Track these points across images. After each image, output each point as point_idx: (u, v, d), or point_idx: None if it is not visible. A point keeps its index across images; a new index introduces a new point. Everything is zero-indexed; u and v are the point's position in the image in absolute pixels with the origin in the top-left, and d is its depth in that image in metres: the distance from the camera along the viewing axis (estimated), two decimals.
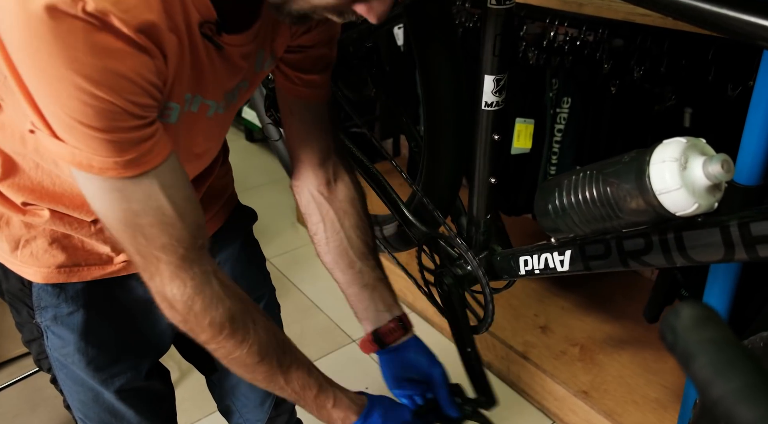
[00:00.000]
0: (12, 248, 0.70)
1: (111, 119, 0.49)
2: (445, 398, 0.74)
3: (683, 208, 0.50)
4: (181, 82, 0.56)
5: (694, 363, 0.26)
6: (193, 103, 0.60)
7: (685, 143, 0.50)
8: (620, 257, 0.59)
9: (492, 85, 0.67)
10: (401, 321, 0.77)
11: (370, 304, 0.76)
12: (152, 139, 0.53)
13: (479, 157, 0.73)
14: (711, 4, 0.49)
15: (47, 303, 0.72)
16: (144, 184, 0.53)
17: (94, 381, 0.76)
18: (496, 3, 0.62)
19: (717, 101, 1.26)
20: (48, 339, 0.74)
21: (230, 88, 0.64)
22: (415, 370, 0.75)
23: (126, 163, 0.51)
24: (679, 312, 0.28)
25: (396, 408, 0.71)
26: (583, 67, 1.46)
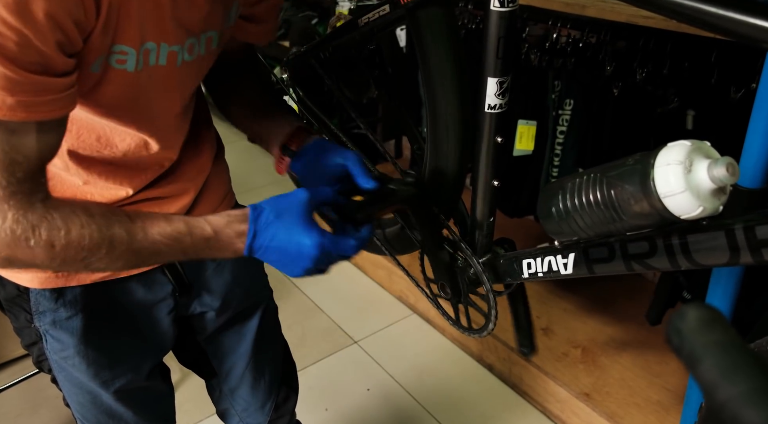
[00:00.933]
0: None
1: (18, 53, 0.46)
2: (360, 173, 0.68)
3: (688, 212, 0.50)
4: (130, 22, 0.53)
5: (700, 366, 0.26)
6: (159, 54, 0.58)
7: (690, 146, 0.50)
8: (624, 261, 0.59)
9: (495, 88, 0.67)
10: (304, 129, 0.74)
11: (272, 125, 0.75)
12: (56, 92, 0.50)
13: (482, 159, 0.73)
14: (714, 6, 0.49)
15: (45, 308, 0.72)
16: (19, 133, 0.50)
17: (93, 383, 0.76)
18: (499, 5, 0.62)
19: (720, 104, 1.26)
20: (47, 343, 0.74)
21: (195, 31, 0.61)
22: (329, 164, 0.69)
23: (14, 104, 0.48)
24: (685, 315, 0.28)
25: (286, 195, 0.61)
26: (586, 69, 1.46)
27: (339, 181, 0.69)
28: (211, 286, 0.83)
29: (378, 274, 2.06)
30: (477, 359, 1.72)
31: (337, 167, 0.69)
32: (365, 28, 0.80)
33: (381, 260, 2.02)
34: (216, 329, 0.88)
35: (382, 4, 0.76)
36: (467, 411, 1.56)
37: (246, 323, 0.90)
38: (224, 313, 0.86)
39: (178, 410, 0.93)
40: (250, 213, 0.60)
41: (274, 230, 0.59)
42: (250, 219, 0.60)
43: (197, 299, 0.83)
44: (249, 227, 0.59)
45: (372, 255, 2.05)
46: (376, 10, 0.75)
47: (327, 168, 0.69)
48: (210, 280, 0.83)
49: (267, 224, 0.59)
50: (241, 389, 0.92)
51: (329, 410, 1.53)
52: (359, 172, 0.68)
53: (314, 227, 0.59)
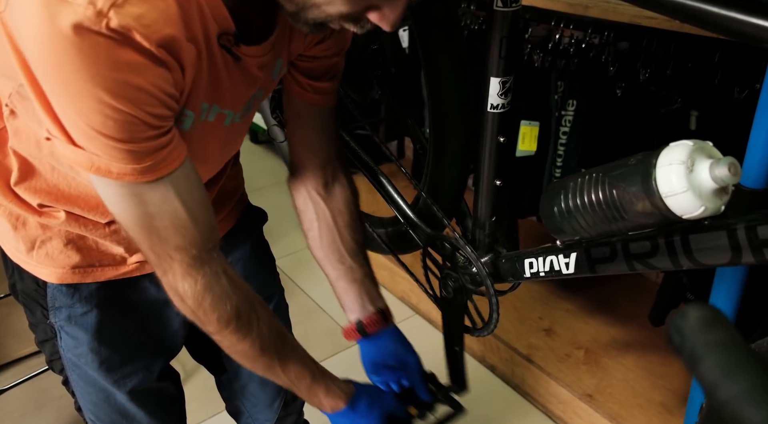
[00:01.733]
0: (28, 249, 0.71)
1: (130, 130, 0.51)
2: (419, 383, 0.80)
3: (690, 211, 0.50)
4: (197, 92, 0.57)
5: (702, 365, 0.26)
6: (210, 113, 0.61)
7: (692, 146, 0.50)
8: (626, 260, 0.59)
9: (498, 88, 0.67)
10: (383, 313, 0.82)
11: (356, 297, 0.81)
12: (168, 146, 0.55)
13: (484, 159, 0.73)
14: (717, 6, 0.49)
15: (61, 303, 0.73)
16: (160, 188, 0.55)
17: (106, 382, 0.77)
18: (503, 5, 0.62)
19: (723, 104, 1.26)
20: (61, 340, 0.75)
21: (248, 98, 0.66)
22: (393, 357, 0.80)
23: (143, 169, 0.53)
24: (686, 314, 0.28)
25: (381, 395, 0.76)
26: (589, 69, 1.46)
27: (395, 371, 0.81)
28: None
29: (380, 274, 2.05)
30: (479, 360, 1.72)
31: (397, 362, 0.81)
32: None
33: (383, 261, 2.02)
34: None
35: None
36: (469, 412, 1.56)
37: None
38: None
39: None
40: (352, 396, 0.73)
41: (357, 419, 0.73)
42: (349, 401, 0.73)
43: None
44: (346, 408, 0.73)
45: (374, 256, 2.06)
46: None
47: (389, 358, 0.80)
48: None
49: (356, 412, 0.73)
50: (250, 386, 0.92)
51: None
52: (419, 383, 0.81)
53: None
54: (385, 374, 0.81)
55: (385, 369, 0.81)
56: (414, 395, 0.81)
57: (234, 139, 0.73)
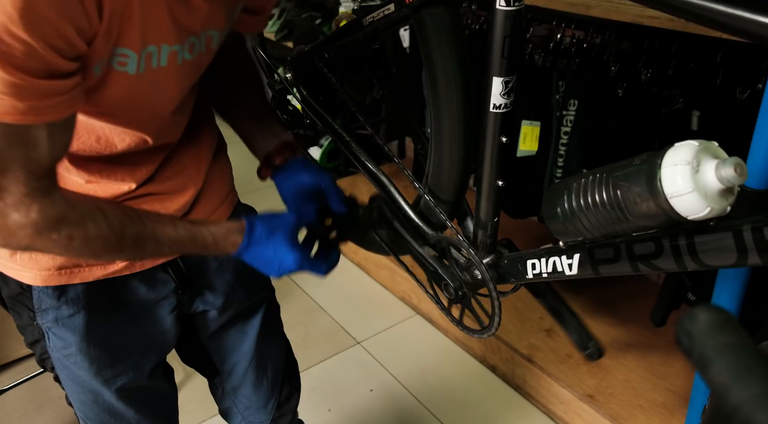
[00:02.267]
0: (10, 253, 0.70)
1: (23, 60, 0.47)
2: (334, 198, 0.79)
3: (695, 212, 0.50)
4: (131, 26, 0.54)
5: (712, 368, 0.26)
6: (161, 56, 0.59)
7: (698, 146, 0.50)
8: (630, 261, 0.58)
9: (500, 88, 0.66)
10: (289, 145, 0.81)
11: (258, 134, 0.82)
12: (64, 94, 0.52)
13: (487, 159, 0.72)
14: (722, 4, 0.48)
15: (48, 306, 0.72)
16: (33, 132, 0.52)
17: (95, 382, 0.76)
18: (505, 4, 0.61)
19: (725, 104, 1.25)
20: (50, 341, 0.74)
21: (196, 31, 0.62)
22: (306, 182, 0.79)
23: (26, 108, 0.50)
24: (695, 317, 0.28)
25: (277, 217, 0.71)
26: (590, 69, 1.46)
27: (313, 198, 0.79)
28: (213, 284, 0.83)
29: (381, 275, 2.05)
30: (480, 360, 1.71)
31: (313, 187, 0.78)
32: (369, 28, 0.80)
33: (384, 261, 2.01)
34: (218, 328, 0.88)
35: (387, 4, 0.75)
36: (470, 412, 1.56)
37: (248, 321, 0.90)
38: (226, 311, 0.86)
39: (182, 410, 0.93)
40: (246, 227, 0.69)
41: (263, 246, 0.69)
42: (245, 233, 0.69)
43: (199, 297, 0.83)
44: (243, 240, 0.69)
45: (375, 256, 2.05)
46: (381, 10, 0.75)
47: (304, 186, 0.78)
48: (212, 278, 0.83)
49: (259, 239, 0.69)
50: (243, 388, 0.92)
51: (332, 410, 1.53)
52: (333, 197, 0.79)
53: (297, 248, 0.70)
54: (303, 203, 0.79)
55: (303, 199, 0.79)
56: (329, 210, 0.80)
57: (187, 80, 0.69)
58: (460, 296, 0.80)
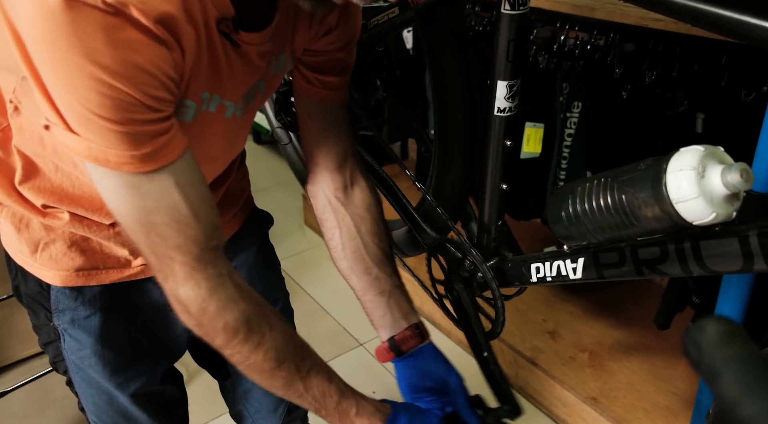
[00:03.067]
0: (32, 251, 0.70)
1: (127, 111, 0.48)
2: (465, 407, 0.71)
3: (701, 218, 0.49)
4: (197, 79, 0.56)
5: (721, 381, 0.26)
6: (211, 103, 0.60)
7: (703, 151, 0.50)
8: (635, 266, 0.58)
9: (505, 91, 0.66)
10: (418, 329, 0.75)
11: (386, 311, 0.74)
12: (168, 133, 0.52)
13: (491, 162, 0.72)
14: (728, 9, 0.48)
15: (65, 306, 0.72)
16: (159, 180, 0.52)
17: (109, 384, 0.77)
18: (510, 8, 0.61)
19: (730, 107, 1.25)
20: (65, 342, 0.74)
21: (248, 89, 0.64)
22: (432, 378, 0.73)
23: (142, 157, 0.50)
24: (703, 328, 0.28)
25: (422, 414, 0.67)
26: (594, 71, 1.45)
27: (437, 393, 0.72)
28: None
29: None
30: None
31: (437, 383, 0.73)
32: (374, 31, 0.79)
33: None
34: None
35: (391, 7, 0.75)
36: None
37: None
38: None
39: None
40: (390, 416, 0.65)
41: None
42: (388, 422, 0.65)
43: None
44: None
45: None
46: (385, 13, 0.75)
47: (428, 380, 0.73)
48: None
49: None
50: (254, 392, 0.92)
51: None
52: (464, 406, 0.72)
53: None
54: (425, 398, 0.73)
55: (425, 392, 0.73)
56: (459, 420, 0.72)
57: (236, 134, 0.70)
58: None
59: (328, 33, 0.68)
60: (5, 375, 1.58)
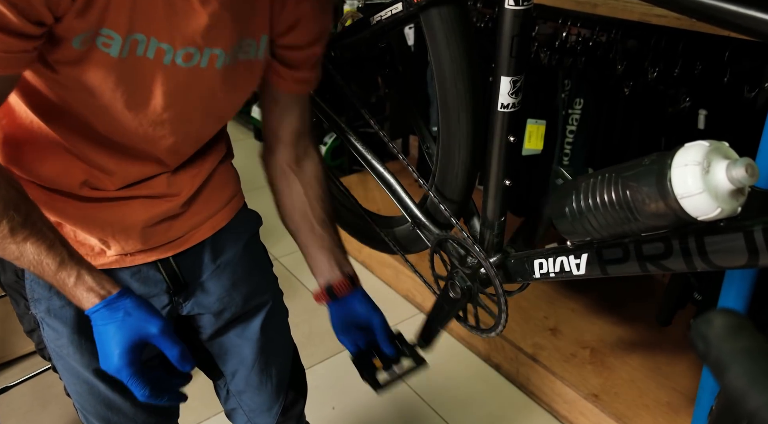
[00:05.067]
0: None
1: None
2: (383, 337, 0.83)
3: (705, 213, 0.49)
4: (120, 11, 0.57)
5: (728, 373, 0.26)
6: (149, 47, 0.61)
7: (708, 147, 0.49)
8: (639, 261, 0.58)
9: (508, 87, 0.66)
10: (351, 278, 0.85)
11: (325, 262, 0.85)
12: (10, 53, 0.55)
13: (494, 159, 0.72)
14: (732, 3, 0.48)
15: (39, 296, 0.73)
16: None
17: (88, 373, 0.77)
18: (514, 3, 0.61)
19: (733, 103, 1.25)
20: (44, 330, 0.75)
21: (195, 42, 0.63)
22: (359, 317, 0.84)
23: None
24: (711, 321, 0.28)
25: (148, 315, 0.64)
26: (596, 68, 1.45)
27: (361, 331, 0.84)
28: (208, 288, 0.83)
29: (385, 273, 2.05)
30: (484, 359, 1.71)
31: (364, 322, 0.84)
32: (377, 27, 0.79)
33: (388, 259, 2.01)
34: (216, 331, 0.87)
35: (394, 3, 0.75)
36: (474, 410, 1.56)
37: (247, 326, 0.89)
38: (221, 315, 0.85)
39: (186, 407, 0.92)
40: (107, 299, 0.63)
41: (107, 327, 0.63)
42: (100, 304, 0.63)
43: (192, 298, 0.82)
44: (95, 308, 0.63)
45: (379, 254, 2.05)
46: (388, 9, 0.75)
47: (355, 318, 0.84)
48: (207, 282, 0.82)
49: (106, 320, 0.63)
50: (247, 391, 0.92)
51: (336, 408, 1.53)
52: (383, 339, 0.84)
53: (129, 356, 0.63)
54: (352, 334, 0.85)
55: (353, 329, 0.84)
56: (378, 349, 0.85)
57: (210, 97, 0.69)
58: (469, 295, 0.80)
59: (296, 26, 0.71)
60: (7, 371, 1.59)
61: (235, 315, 0.86)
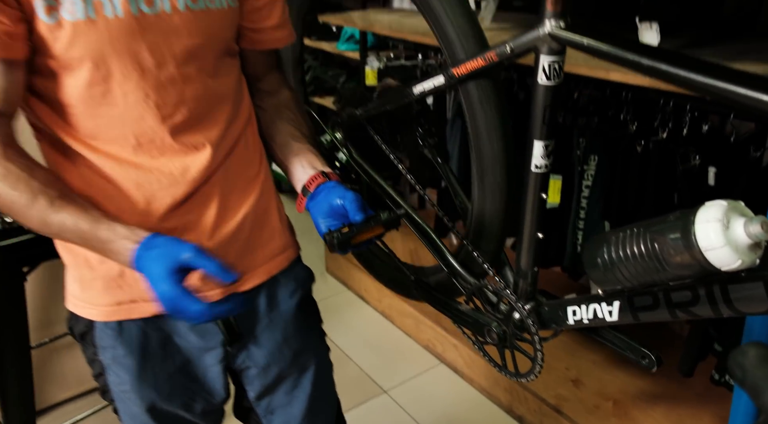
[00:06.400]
0: (80, 290, 0.78)
1: None
2: (353, 209, 0.75)
3: (727, 264, 0.55)
4: None
5: (764, 395, 0.32)
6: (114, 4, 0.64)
7: (726, 206, 0.56)
8: (668, 308, 0.64)
9: (541, 150, 0.74)
10: (324, 174, 0.82)
11: (299, 169, 0.83)
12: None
13: (528, 213, 0.79)
14: (735, 85, 0.56)
15: (106, 344, 0.79)
16: None
17: (146, 416, 0.82)
18: (546, 79, 0.70)
19: (740, 162, 1.32)
20: (109, 375, 0.81)
21: None
22: (333, 203, 0.78)
23: None
24: (746, 352, 0.34)
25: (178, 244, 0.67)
26: (609, 126, 1.54)
27: (342, 216, 0.77)
28: (260, 341, 0.86)
29: (405, 323, 2.08)
30: (506, 411, 1.71)
31: (338, 205, 0.77)
32: (419, 96, 0.89)
33: (408, 309, 2.05)
34: (264, 389, 0.90)
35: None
36: None
37: (296, 384, 0.91)
38: (268, 372, 0.88)
39: None
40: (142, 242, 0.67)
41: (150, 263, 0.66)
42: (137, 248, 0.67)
43: (244, 351, 0.86)
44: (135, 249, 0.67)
45: (399, 304, 2.09)
46: (431, 80, 0.84)
47: (331, 206, 0.77)
48: (260, 335, 0.86)
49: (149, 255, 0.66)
50: None
51: None
52: (353, 209, 0.76)
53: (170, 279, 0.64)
54: (331, 221, 0.77)
55: (330, 216, 0.78)
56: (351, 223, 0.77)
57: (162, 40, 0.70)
58: (504, 340, 0.85)
59: None
60: (43, 418, 1.61)
61: (282, 372, 0.89)
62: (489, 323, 0.86)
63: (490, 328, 0.86)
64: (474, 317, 0.88)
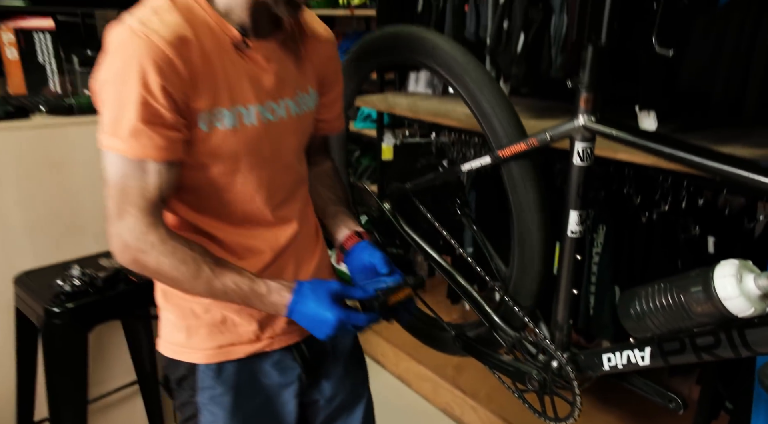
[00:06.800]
0: (185, 337, 0.89)
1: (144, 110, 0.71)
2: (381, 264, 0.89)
3: (743, 311, 0.68)
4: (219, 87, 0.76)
5: None
6: (251, 115, 0.80)
7: (738, 264, 0.70)
8: (695, 352, 0.75)
9: (576, 219, 0.88)
10: (358, 234, 0.96)
11: (337, 229, 0.98)
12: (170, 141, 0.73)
13: (564, 273, 0.92)
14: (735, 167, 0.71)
15: (206, 385, 0.89)
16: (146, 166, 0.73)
17: None
18: (580, 161, 0.86)
19: (736, 232, 1.47)
20: (203, 416, 0.90)
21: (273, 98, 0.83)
22: (365, 261, 0.91)
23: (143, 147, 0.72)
24: None
25: (323, 283, 0.80)
26: (615, 199, 1.70)
27: (372, 272, 0.91)
28: (329, 373, 0.98)
29: (423, 386, 2.13)
30: None
31: (369, 263, 0.92)
32: (467, 173, 1.04)
33: (425, 372, 2.10)
34: (327, 417, 1.00)
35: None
36: None
37: (351, 414, 1.03)
38: (331, 403, 1.00)
39: None
40: (295, 285, 0.80)
41: (307, 303, 0.79)
42: (293, 290, 0.80)
43: (317, 385, 0.97)
44: (292, 297, 0.79)
45: (416, 367, 2.15)
46: (478, 160, 1.00)
47: (363, 263, 0.92)
48: (329, 368, 0.98)
49: (305, 296, 0.79)
50: None
51: None
52: (381, 264, 0.90)
53: (335, 306, 0.78)
54: (366, 278, 0.90)
55: (364, 273, 0.91)
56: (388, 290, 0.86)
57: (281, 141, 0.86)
58: (545, 387, 0.95)
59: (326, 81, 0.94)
60: None
61: (343, 402, 1.00)
62: (530, 371, 0.97)
63: (531, 376, 0.96)
64: (515, 365, 0.98)
